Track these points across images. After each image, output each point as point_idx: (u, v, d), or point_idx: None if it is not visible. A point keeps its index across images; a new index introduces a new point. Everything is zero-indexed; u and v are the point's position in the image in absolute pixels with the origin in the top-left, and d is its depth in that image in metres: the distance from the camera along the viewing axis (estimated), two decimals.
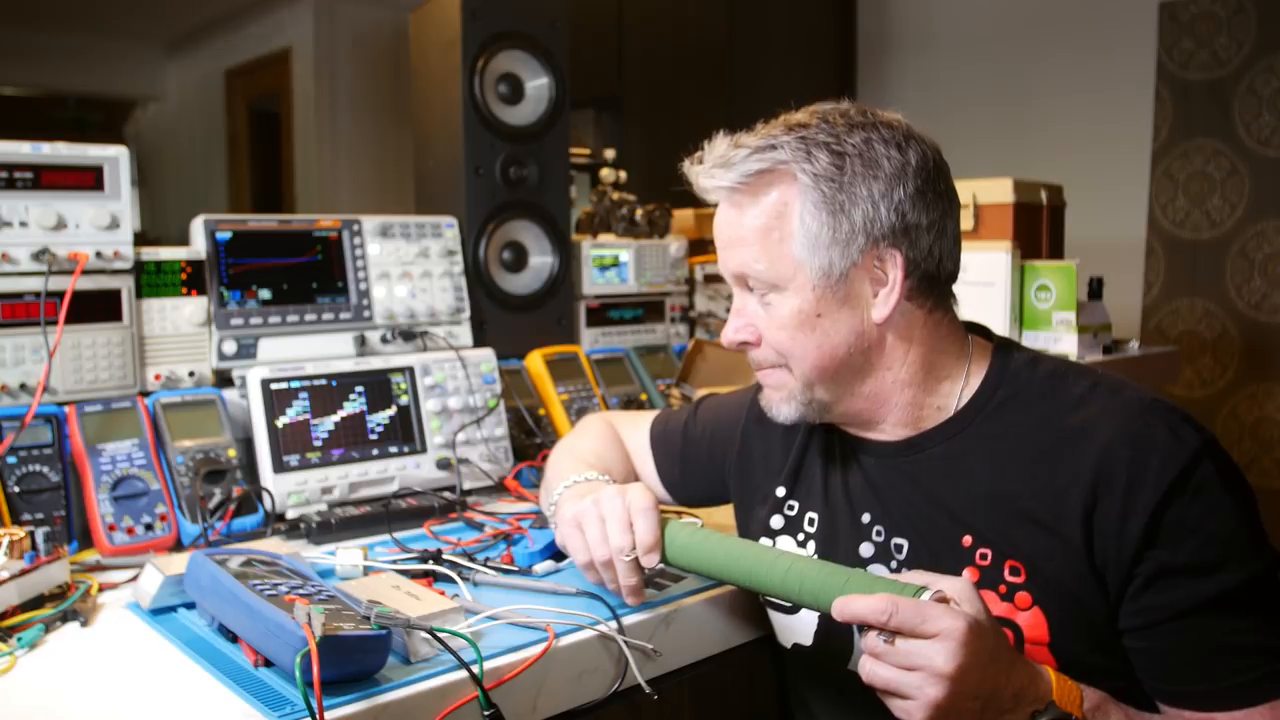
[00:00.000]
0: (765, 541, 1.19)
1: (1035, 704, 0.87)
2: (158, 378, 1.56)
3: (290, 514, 1.49)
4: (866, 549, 1.09)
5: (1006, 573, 0.98)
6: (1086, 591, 0.95)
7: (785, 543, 1.17)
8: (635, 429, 1.43)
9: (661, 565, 1.10)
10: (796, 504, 1.18)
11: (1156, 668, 0.94)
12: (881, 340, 1.03)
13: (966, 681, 0.83)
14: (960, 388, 1.06)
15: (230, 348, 1.62)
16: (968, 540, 1.01)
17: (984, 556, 1.00)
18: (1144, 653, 0.95)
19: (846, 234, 0.99)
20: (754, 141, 1.02)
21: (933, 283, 1.04)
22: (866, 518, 1.10)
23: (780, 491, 1.20)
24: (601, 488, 1.17)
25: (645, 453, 1.40)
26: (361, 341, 1.74)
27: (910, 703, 0.84)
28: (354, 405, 1.59)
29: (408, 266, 1.81)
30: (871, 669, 0.87)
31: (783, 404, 1.08)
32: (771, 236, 1.01)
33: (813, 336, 1.02)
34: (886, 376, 1.05)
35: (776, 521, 1.19)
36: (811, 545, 1.15)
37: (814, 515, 1.16)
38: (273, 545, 1.25)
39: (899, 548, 1.07)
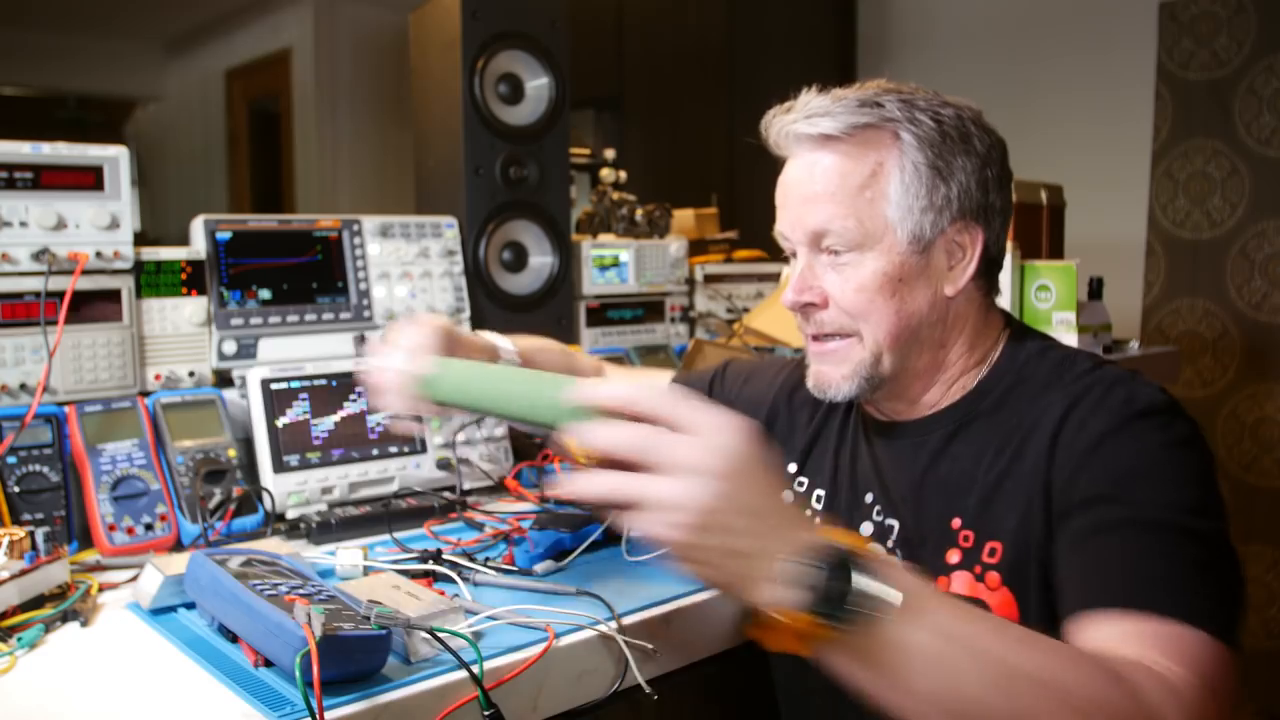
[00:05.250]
0: None
1: (809, 533, 0.73)
2: (158, 378, 1.56)
3: (290, 514, 1.48)
4: (867, 528, 1.08)
5: (985, 554, 0.97)
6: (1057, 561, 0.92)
7: None
8: (645, 373, 1.42)
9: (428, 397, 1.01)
10: (806, 480, 1.18)
11: (1068, 596, 0.87)
12: (947, 316, 1.03)
13: (738, 483, 0.69)
14: (979, 373, 1.06)
15: (230, 348, 1.62)
16: (957, 523, 1.00)
17: (967, 539, 0.99)
18: (1062, 584, 0.89)
19: (941, 202, 0.99)
20: (857, 94, 1.00)
21: (992, 268, 1.06)
22: (869, 497, 1.10)
23: (792, 468, 1.20)
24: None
25: None
26: (361, 341, 1.74)
27: (663, 513, 0.68)
28: (354, 405, 1.59)
29: (408, 266, 1.81)
30: (601, 478, 0.69)
31: (844, 381, 1.02)
32: (864, 195, 0.98)
33: (891, 302, 0.99)
34: (940, 355, 1.04)
35: (785, 497, 1.18)
36: (818, 522, 1.14)
37: (821, 493, 1.15)
38: (273, 545, 1.25)
39: (891, 529, 1.06)
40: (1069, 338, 2.00)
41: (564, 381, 0.80)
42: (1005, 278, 2.01)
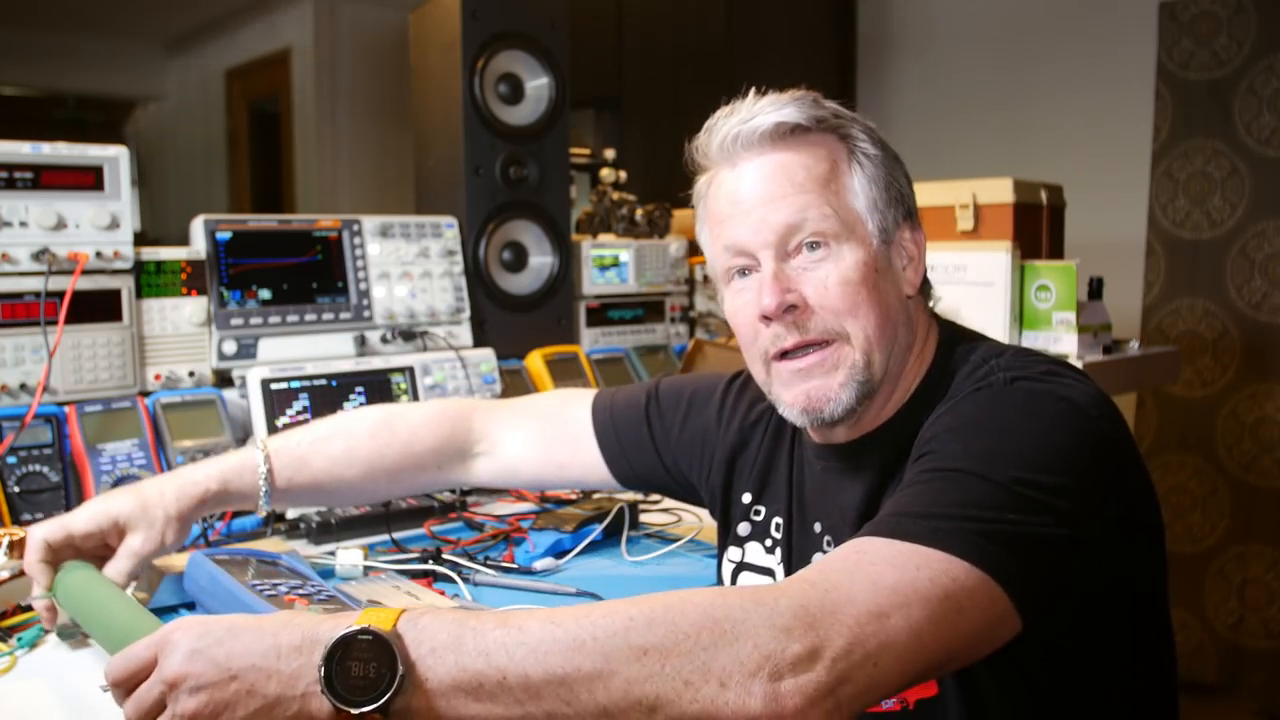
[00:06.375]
0: (733, 551, 1.14)
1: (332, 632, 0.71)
2: (158, 378, 1.56)
3: (290, 514, 1.48)
4: (818, 559, 1.02)
5: None
6: None
7: (754, 549, 1.13)
8: (560, 398, 1.34)
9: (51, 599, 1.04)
10: (763, 509, 1.13)
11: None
12: (909, 318, 1.01)
13: (202, 664, 0.71)
14: (912, 386, 1.01)
15: (230, 348, 1.62)
16: None
17: None
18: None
19: (895, 198, 0.99)
20: (802, 94, 1.00)
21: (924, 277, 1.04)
22: (818, 527, 1.06)
23: (746, 497, 1.15)
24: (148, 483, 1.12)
25: (585, 424, 1.27)
26: (361, 341, 1.74)
27: None
28: (354, 405, 1.59)
29: (408, 266, 1.81)
30: None
31: (842, 390, 0.96)
32: (831, 187, 0.97)
33: (875, 294, 0.96)
34: (901, 361, 1.00)
35: (744, 529, 1.14)
36: (779, 552, 1.10)
37: (779, 520, 1.11)
38: (273, 545, 1.25)
39: None
40: (1069, 338, 2.00)
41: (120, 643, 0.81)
42: (1005, 277, 2.02)
